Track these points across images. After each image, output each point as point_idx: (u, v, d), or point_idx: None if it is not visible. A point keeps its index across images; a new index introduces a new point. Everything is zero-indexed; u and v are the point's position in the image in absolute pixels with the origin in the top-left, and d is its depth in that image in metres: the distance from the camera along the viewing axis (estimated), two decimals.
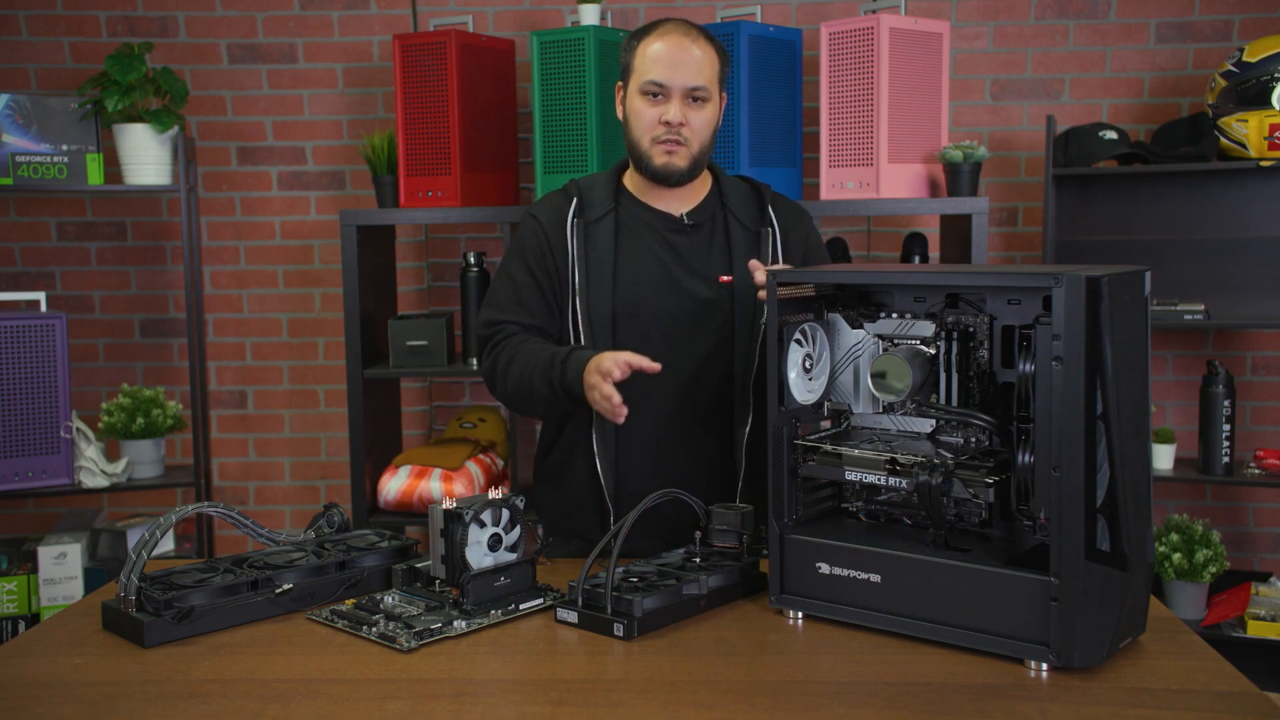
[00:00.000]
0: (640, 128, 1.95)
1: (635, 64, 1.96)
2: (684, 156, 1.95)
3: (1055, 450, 1.32)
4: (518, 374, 1.91)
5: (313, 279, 3.67)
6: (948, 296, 1.54)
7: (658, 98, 1.93)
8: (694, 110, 1.94)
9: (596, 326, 1.95)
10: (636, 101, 1.95)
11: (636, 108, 1.96)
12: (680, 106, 1.92)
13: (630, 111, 1.97)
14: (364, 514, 3.14)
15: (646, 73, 1.93)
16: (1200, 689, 1.30)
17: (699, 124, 1.94)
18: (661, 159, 1.95)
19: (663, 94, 1.93)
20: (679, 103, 1.92)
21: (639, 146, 1.97)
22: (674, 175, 1.96)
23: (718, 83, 1.97)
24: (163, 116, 3.25)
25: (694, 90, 1.93)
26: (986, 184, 3.48)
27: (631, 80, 1.97)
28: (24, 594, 3.23)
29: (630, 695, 1.31)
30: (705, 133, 1.96)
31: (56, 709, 1.29)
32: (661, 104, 1.93)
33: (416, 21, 3.56)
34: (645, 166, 1.97)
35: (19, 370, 3.12)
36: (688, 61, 1.92)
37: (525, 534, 1.65)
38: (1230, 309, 3.33)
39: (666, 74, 1.92)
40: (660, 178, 1.97)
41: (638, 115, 1.96)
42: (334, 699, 1.31)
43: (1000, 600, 1.38)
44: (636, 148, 1.97)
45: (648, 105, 1.94)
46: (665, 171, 1.96)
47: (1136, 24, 3.47)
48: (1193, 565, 3.10)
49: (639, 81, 1.95)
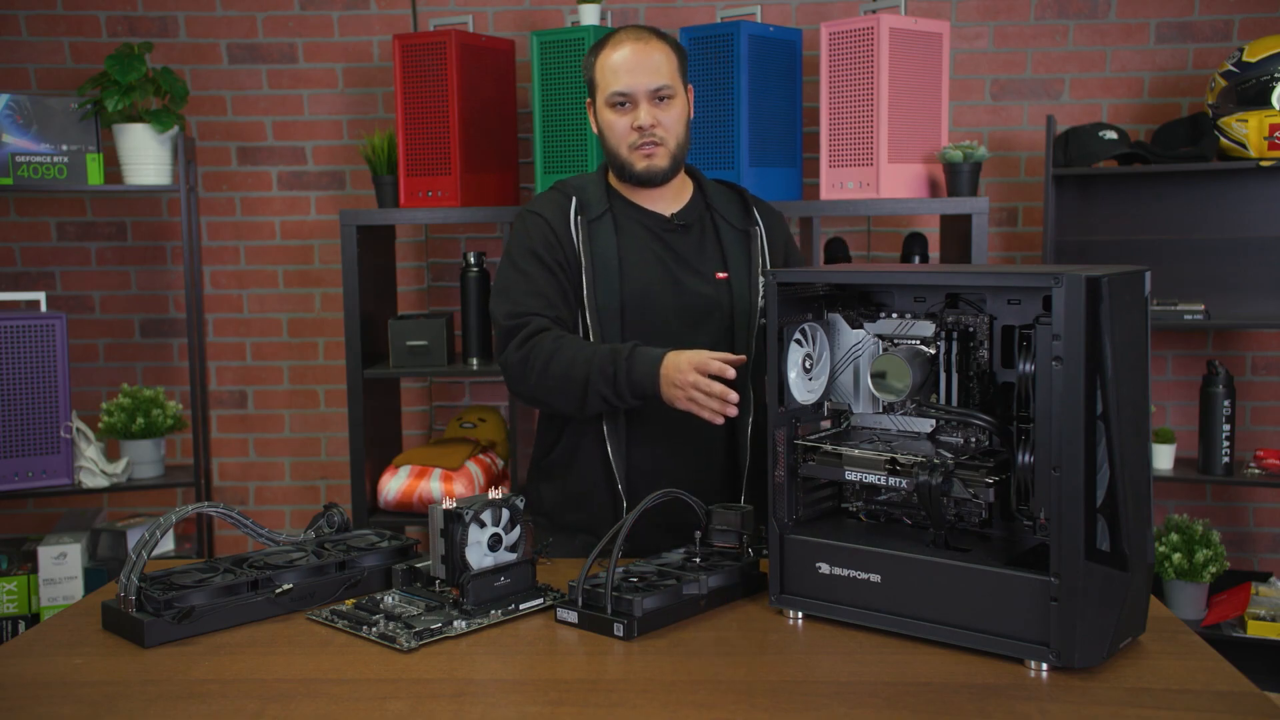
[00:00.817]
0: (615, 138, 2.01)
1: (597, 78, 2.03)
2: (663, 156, 2.01)
3: (1055, 450, 1.32)
4: (564, 367, 1.90)
5: (313, 279, 3.67)
6: (948, 296, 1.55)
7: (625, 106, 2.00)
8: (662, 110, 2.00)
9: (605, 320, 1.98)
10: (607, 114, 2.02)
11: (608, 120, 2.02)
12: (648, 109, 1.98)
13: (603, 124, 2.04)
14: (364, 514, 3.14)
15: (609, 85, 2.00)
16: (1200, 689, 1.30)
17: (670, 121, 2.01)
18: (642, 163, 2.01)
19: (629, 101, 1.99)
20: (646, 106, 1.98)
21: (618, 156, 2.02)
22: (658, 175, 2.02)
23: (680, 78, 2.03)
24: (163, 116, 3.25)
25: (657, 91, 1.99)
26: (986, 184, 3.48)
27: (598, 95, 2.04)
28: (24, 594, 3.23)
29: (630, 695, 1.31)
30: (678, 128, 2.02)
31: (56, 709, 1.29)
32: (630, 111, 2.00)
33: (416, 21, 3.56)
34: (629, 174, 2.03)
35: (19, 370, 3.13)
36: (646, 65, 1.98)
37: (525, 534, 1.65)
38: (1230, 309, 3.33)
39: (628, 81, 1.98)
40: (645, 181, 2.03)
41: (610, 127, 2.02)
42: (334, 699, 1.31)
43: (1000, 600, 1.38)
44: (616, 157, 2.03)
45: (617, 115, 2.01)
46: (648, 174, 2.02)
47: (1136, 24, 3.47)
48: (1193, 565, 3.10)
49: (604, 94, 2.01)
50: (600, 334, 1.98)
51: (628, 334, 1.99)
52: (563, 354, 1.91)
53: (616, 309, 1.98)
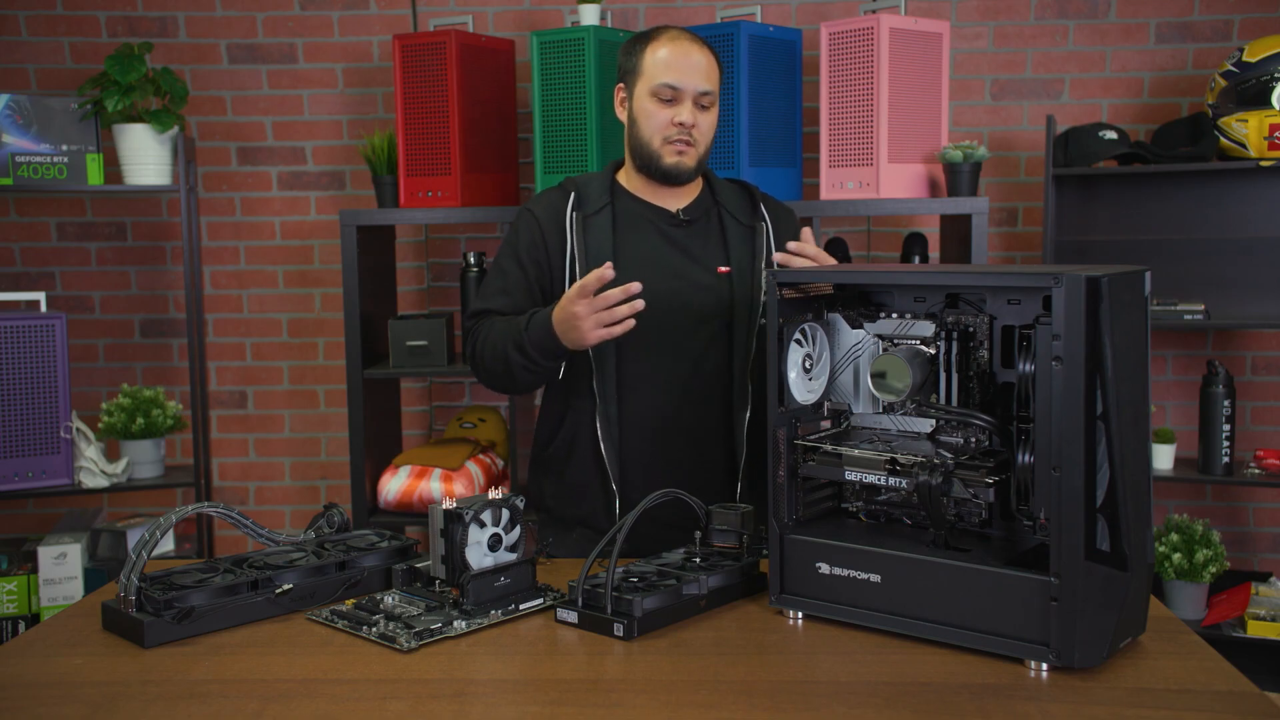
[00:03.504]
0: (651, 128, 2.01)
1: (644, 67, 2.01)
2: (693, 157, 2.02)
3: (1055, 450, 1.32)
4: (491, 350, 1.97)
5: (313, 279, 3.67)
6: (948, 296, 1.54)
7: (670, 101, 1.99)
8: (702, 114, 2.01)
9: None
10: (647, 103, 2.00)
11: (647, 109, 2.01)
12: (691, 109, 2.00)
13: (639, 113, 2.02)
14: (364, 514, 3.14)
15: (659, 76, 1.99)
16: (1200, 689, 1.30)
17: (706, 126, 2.03)
18: (673, 159, 2.01)
19: (676, 97, 1.99)
20: (690, 105, 1.99)
21: (649, 146, 2.02)
22: (684, 174, 2.03)
23: (718, 89, 2.05)
24: (163, 116, 3.25)
25: (704, 95, 2.00)
26: (986, 184, 3.48)
27: (639, 83, 2.02)
28: (24, 594, 3.23)
29: (630, 695, 1.30)
30: (710, 135, 2.05)
31: (56, 709, 1.29)
32: (674, 106, 1.99)
33: (416, 21, 3.56)
34: (654, 166, 2.02)
35: (19, 370, 3.13)
36: (698, 66, 1.99)
37: (525, 534, 1.65)
38: (1230, 309, 3.33)
39: (679, 77, 1.98)
40: (670, 177, 2.03)
41: (649, 116, 2.00)
42: (334, 699, 1.31)
43: (1000, 600, 1.38)
44: (647, 147, 2.02)
45: (659, 107, 2.00)
46: (675, 170, 2.02)
47: (1136, 24, 3.47)
48: (1193, 565, 3.10)
49: (650, 84, 2.00)
50: None
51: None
52: (489, 338, 1.98)
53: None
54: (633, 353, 1.99)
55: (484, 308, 2.05)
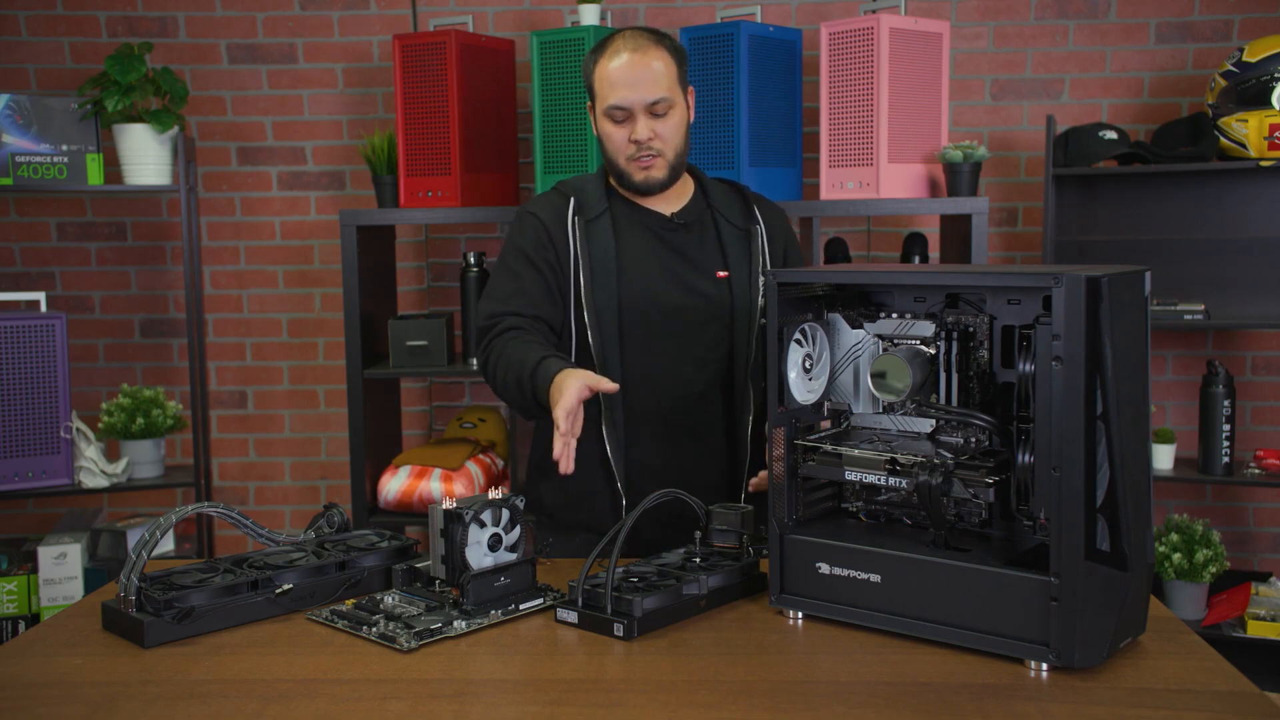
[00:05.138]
0: (613, 149, 2.01)
1: (595, 88, 2.01)
2: (660, 167, 2.00)
3: (1055, 450, 1.32)
4: (503, 376, 1.91)
5: (313, 279, 3.67)
6: (948, 296, 1.54)
7: (623, 121, 1.98)
8: (660, 122, 1.98)
9: (604, 320, 1.98)
10: (605, 125, 2.01)
11: (606, 130, 2.01)
12: (645, 122, 1.96)
13: (601, 134, 2.03)
14: (364, 514, 3.14)
15: (606, 97, 1.98)
16: (1200, 689, 1.30)
17: (668, 131, 1.99)
18: (640, 175, 2.00)
19: (627, 116, 1.97)
20: (644, 119, 1.97)
21: (616, 165, 2.02)
22: (655, 186, 2.02)
23: (679, 85, 2.00)
24: (163, 116, 3.25)
25: (655, 104, 1.96)
26: (986, 184, 3.48)
27: (596, 103, 2.02)
28: (24, 594, 3.23)
29: (630, 695, 1.30)
30: (676, 138, 2.00)
31: (56, 709, 1.29)
32: (627, 125, 1.98)
33: (416, 22, 3.56)
34: (627, 184, 2.03)
35: (19, 370, 3.13)
36: (643, 78, 1.95)
37: (525, 534, 1.65)
38: (1230, 309, 3.33)
39: (625, 95, 1.96)
40: (643, 192, 2.03)
41: (609, 138, 2.01)
42: (334, 699, 1.31)
43: (1000, 600, 1.38)
44: (615, 166, 2.02)
45: (615, 128, 1.99)
46: (645, 185, 2.02)
47: (1136, 24, 3.47)
48: (1193, 565, 3.10)
49: (602, 106, 2.00)
50: (599, 334, 1.97)
51: (626, 334, 1.99)
52: (503, 361, 1.91)
53: (615, 309, 1.98)
54: (637, 358, 1.99)
55: (502, 310, 1.98)
